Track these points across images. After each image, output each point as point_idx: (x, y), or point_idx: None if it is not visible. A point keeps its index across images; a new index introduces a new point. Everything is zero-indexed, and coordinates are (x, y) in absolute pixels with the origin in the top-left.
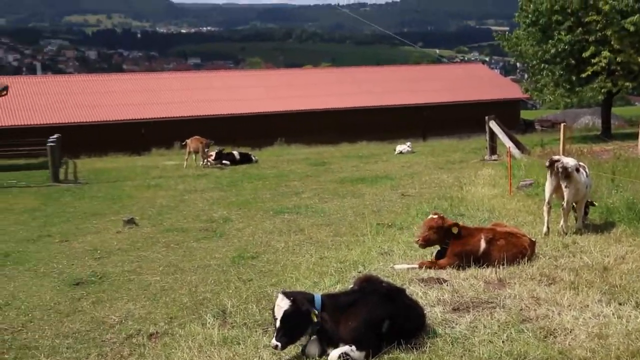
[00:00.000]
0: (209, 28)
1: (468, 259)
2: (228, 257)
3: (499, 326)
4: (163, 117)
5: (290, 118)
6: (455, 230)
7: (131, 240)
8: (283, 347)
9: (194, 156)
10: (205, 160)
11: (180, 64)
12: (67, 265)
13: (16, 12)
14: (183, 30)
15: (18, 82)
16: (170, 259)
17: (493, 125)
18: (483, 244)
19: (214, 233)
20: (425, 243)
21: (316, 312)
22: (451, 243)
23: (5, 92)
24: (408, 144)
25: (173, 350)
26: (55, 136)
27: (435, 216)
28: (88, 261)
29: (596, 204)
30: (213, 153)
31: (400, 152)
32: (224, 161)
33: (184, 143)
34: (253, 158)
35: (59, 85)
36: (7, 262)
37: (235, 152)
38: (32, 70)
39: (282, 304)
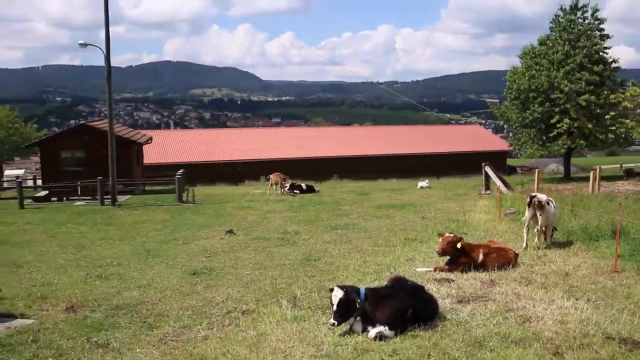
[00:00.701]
0: (287, 97)
1: (470, 266)
2: (298, 259)
3: (490, 314)
4: (253, 159)
5: (343, 160)
6: (459, 245)
7: (230, 245)
8: (338, 325)
9: (274, 186)
10: (283, 190)
11: (266, 122)
12: (187, 260)
13: (159, 87)
14: (269, 99)
15: (158, 135)
16: (257, 259)
17: (487, 169)
18: (481, 256)
19: (288, 242)
20: (443, 253)
21: (359, 300)
22: (459, 254)
23: (150, 141)
24: (426, 181)
25: (259, 323)
26: (181, 171)
27: (452, 234)
28: (201, 258)
29: (557, 229)
30: (288, 184)
31: (421, 187)
32: (295, 190)
33: (267, 177)
34: (316, 189)
35: (185, 136)
36: (149, 256)
37: (303, 184)
38: (167, 126)
39: (338, 294)
